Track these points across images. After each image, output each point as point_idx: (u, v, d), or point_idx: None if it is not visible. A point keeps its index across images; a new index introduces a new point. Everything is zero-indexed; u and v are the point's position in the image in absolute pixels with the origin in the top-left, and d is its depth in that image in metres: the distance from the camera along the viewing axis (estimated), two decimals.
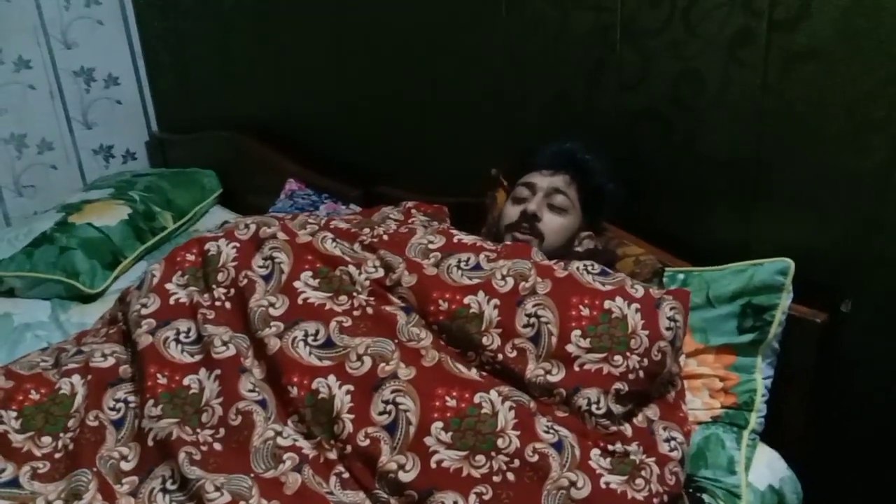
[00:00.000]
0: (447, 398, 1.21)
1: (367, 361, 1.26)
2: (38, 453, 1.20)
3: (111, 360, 1.34)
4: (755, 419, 1.42)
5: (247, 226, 1.47)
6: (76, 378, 1.30)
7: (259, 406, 1.23)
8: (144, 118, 2.97)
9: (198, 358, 1.31)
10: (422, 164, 2.13)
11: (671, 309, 1.33)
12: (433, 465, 1.16)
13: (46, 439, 1.22)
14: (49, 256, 2.09)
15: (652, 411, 1.32)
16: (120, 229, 2.23)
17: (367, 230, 1.50)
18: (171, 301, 1.38)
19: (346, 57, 2.21)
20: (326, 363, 1.26)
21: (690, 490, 1.32)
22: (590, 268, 1.38)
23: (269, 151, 2.48)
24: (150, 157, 3.00)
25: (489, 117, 1.93)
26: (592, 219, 1.60)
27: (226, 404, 1.24)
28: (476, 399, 1.21)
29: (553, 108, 1.78)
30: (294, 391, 1.23)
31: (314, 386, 1.23)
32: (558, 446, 1.19)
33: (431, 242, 1.44)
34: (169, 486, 1.15)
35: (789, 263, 1.43)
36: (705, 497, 1.32)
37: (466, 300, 1.33)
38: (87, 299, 2.08)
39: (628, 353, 1.28)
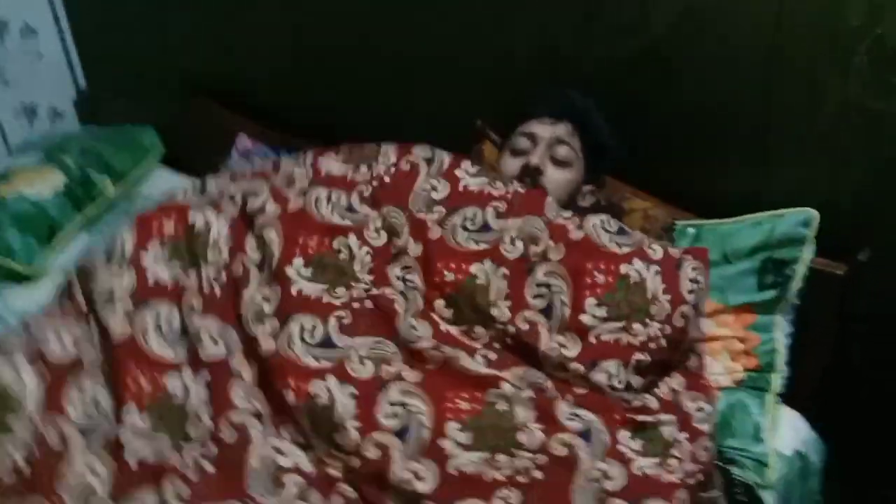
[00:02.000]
0: (459, 401, 1.08)
1: (370, 365, 1.11)
2: None
3: (70, 348, 1.13)
4: (778, 381, 1.34)
5: (232, 198, 1.28)
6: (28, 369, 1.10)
7: (255, 419, 1.07)
8: (70, 73, 2.69)
9: (182, 355, 1.13)
10: (394, 121, 1.95)
11: (693, 269, 1.23)
12: (452, 472, 1.02)
13: None
14: None
15: (676, 381, 1.22)
16: (55, 200, 2.00)
17: (364, 169, 1.34)
18: (150, 279, 1.18)
19: (301, 3, 2.00)
20: (325, 363, 1.10)
21: (719, 463, 1.23)
22: (606, 225, 1.26)
23: (215, 106, 2.28)
24: (79, 116, 2.73)
25: (466, 66, 1.77)
26: (594, 171, 1.48)
27: (216, 415, 1.07)
28: (489, 398, 1.09)
29: (541, 55, 1.64)
30: (290, 396, 1.07)
31: (312, 390, 1.07)
32: (586, 435, 1.08)
33: (435, 189, 1.30)
34: None
35: (812, 214, 1.35)
36: (734, 469, 1.24)
37: (473, 269, 1.21)
38: (24, 279, 1.87)
39: (648, 321, 1.18)
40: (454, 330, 1.18)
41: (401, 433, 1.04)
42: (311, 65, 2.07)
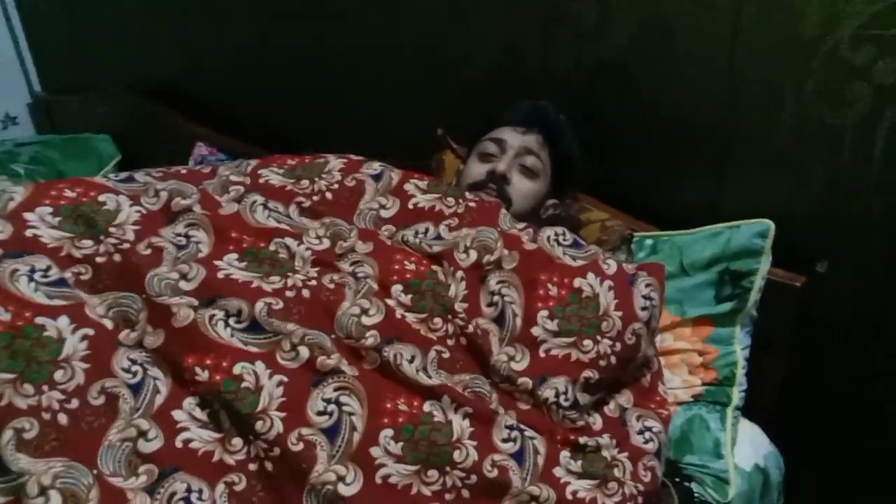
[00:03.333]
0: (396, 405, 1.03)
1: (304, 352, 1.04)
2: None
3: None
4: (737, 394, 1.33)
5: (157, 193, 1.15)
6: None
7: (130, 392, 0.97)
8: (24, 76, 2.63)
9: (58, 302, 1.00)
10: (350, 127, 1.93)
11: (647, 286, 1.20)
12: (378, 480, 0.97)
13: None
14: None
15: (625, 398, 1.19)
16: None
17: (305, 183, 1.24)
18: (28, 233, 1.03)
19: (257, 5, 1.96)
20: (253, 349, 1.03)
21: (677, 480, 1.21)
22: (561, 238, 1.22)
23: (173, 113, 2.23)
24: (34, 121, 2.67)
25: (427, 74, 1.75)
26: (560, 186, 1.46)
27: (90, 373, 0.97)
28: (426, 407, 1.04)
29: (501, 62, 1.61)
30: (204, 374, 0.99)
31: (237, 371, 1.00)
32: (519, 456, 1.04)
33: (384, 207, 1.23)
34: None
35: (769, 225, 1.33)
36: (693, 486, 1.22)
37: (433, 266, 1.17)
38: None
39: (599, 337, 1.14)
40: (411, 317, 1.12)
41: (330, 431, 0.99)
42: (271, 71, 2.03)
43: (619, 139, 1.50)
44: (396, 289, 1.13)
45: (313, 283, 1.11)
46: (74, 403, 0.94)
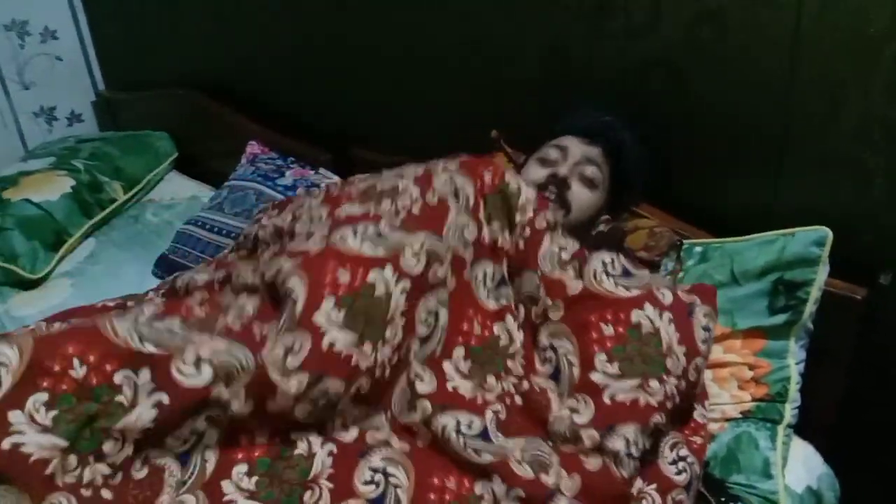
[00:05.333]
0: (447, 481, 1.00)
1: (355, 432, 1.03)
2: None
3: None
4: (790, 411, 1.26)
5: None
6: None
7: (177, 464, 0.97)
8: (89, 76, 2.69)
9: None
10: (400, 124, 1.91)
11: (705, 316, 1.15)
12: None
13: None
14: None
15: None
16: (63, 204, 1.99)
17: (386, 203, 1.19)
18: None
19: (312, 6, 1.96)
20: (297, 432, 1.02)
21: (723, 500, 1.15)
22: (609, 268, 1.16)
23: (228, 111, 2.25)
24: (97, 118, 2.73)
25: (474, 73, 1.72)
26: (616, 204, 1.42)
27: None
28: (478, 489, 0.99)
29: (548, 60, 1.57)
30: (261, 438, 1.00)
31: (292, 436, 1.00)
32: None
33: (466, 227, 1.17)
34: None
35: (826, 232, 1.26)
36: None
37: (496, 328, 1.14)
38: (29, 285, 1.86)
39: (665, 377, 1.07)
40: (464, 387, 1.08)
41: (376, 502, 0.96)
42: (323, 71, 2.03)
43: (668, 139, 1.44)
44: (458, 353, 1.10)
45: (394, 358, 1.06)
46: (118, 479, 0.93)
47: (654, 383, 1.06)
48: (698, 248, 1.38)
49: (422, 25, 1.76)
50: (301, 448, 0.99)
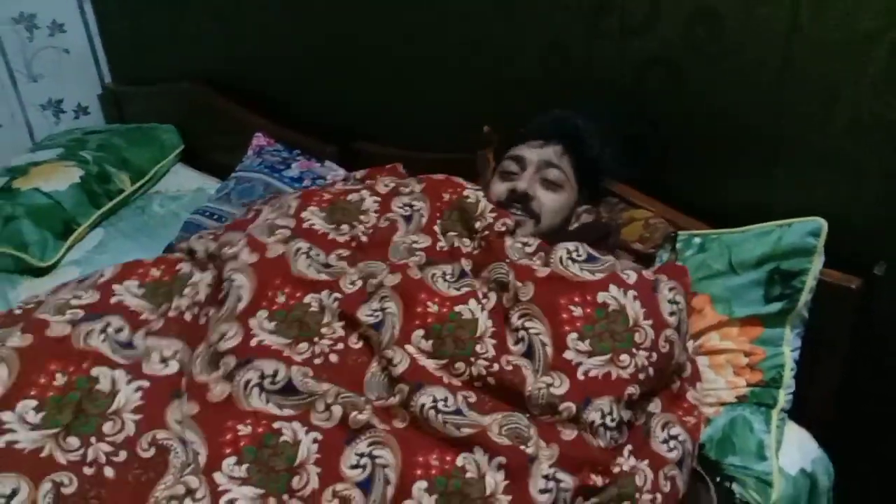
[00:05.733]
0: (428, 460, 1.02)
1: (337, 412, 1.05)
2: None
3: None
4: (784, 397, 1.28)
5: (214, 257, 1.26)
6: None
7: (180, 446, 1.00)
8: (96, 69, 2.72)
9: (121, 359, 1.08)
10: (402, 119, 1.95)
11: (671, 290, 1.19)
12: None
13: None
14: None
15: (653, 404, 1.18)
16: (71, 194, 2.02)
17: (345, 228, 1.30)
18: (113, 300, 1.16)
19: (317, 3, 1.99)
20: (287, 412, 1.05)
21: (718, 479, 1.19)
22: (574, 254, 1.21)
23: (234, 104, 2.28)
24: (104, 111, 2.76)
25: (475, 70, 1.75)
26: (590, 191, 1.44)
27: (143, 424, 1.01)
28: (459, 461, 1.02)
29: (547, 57, 1.60)
30: (246, 430, 1.02)
31: (276, 426, 1.02)
32: None
33: (416, 242, 1.29)
34: None
35: (821, 223, 1.29)
36: (735, 487, 1.19)
37: (457, 307, 1.17)
38: (39, 273, 1.89)
39: (634, 350, 1.12)
40: (431, 364, 1.12)
41: (364, 485, 0.98)
42: (326, 64, 2.06)
43: (666, 135, 1.47)
44: (417, 335, 1.14)
45: (340, 346, 1.13)
46: (121, 456, 0.96)
47: (624, 357, 1.11)
48: (697, 239, 1.41)
49: (424, 23, 1.79)
50: (286, 436, 1.01)
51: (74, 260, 1.94)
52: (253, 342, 1.10)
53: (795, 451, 1.29)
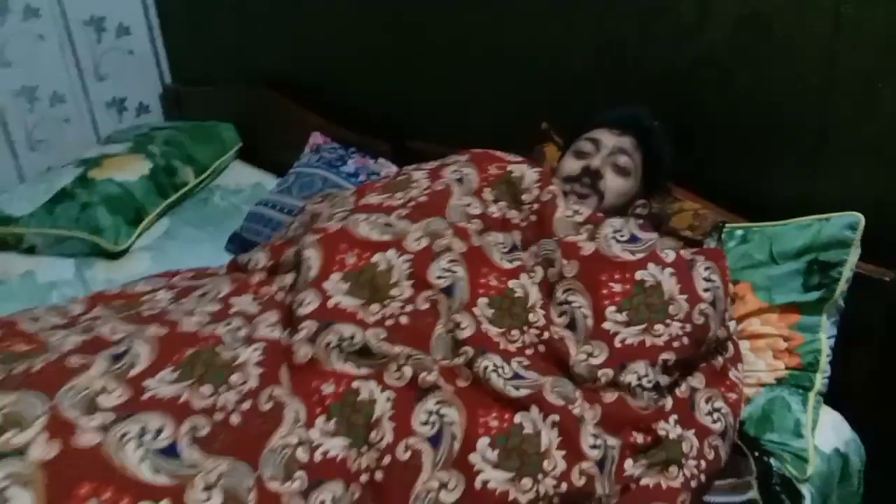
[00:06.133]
0: (489, 418, 1.11)
1: (408, 372, 1.14)
2: None
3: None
4: (820, 380, 1.37)
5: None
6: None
7: (294, 400, 1.08)
8: (157, 69, 2.87)
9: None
10: (456, 117, 2.04)
11: (706, 269, 1.29)
12: (478, 486, 1.04)
13: None
14: (71, 213, 2.02)
15: (697, 380, 1.27)
16: (142, 185, 2.15)
17: (398, 195, 1.40)
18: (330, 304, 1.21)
19: (371, 2, 2.11)
20: (364, 371, 1.13)
21: (757, 454, 1.27)
22: (618, 235, 1.31)
23: (291, 104, 2.39)
24: (164, 110, 2.91)
25: (530, 67, 1.84)
26: (649, 188, 1.54)
27: (264, 379, 1.09)
28: (517, 419, 1.11)
29: (601, 57, 1.70)
30: (330, 388, 1.11)
31: (354, 385, 1.11)
32: (602, 464, 1.11)
33: (469, 205, 1.37)
34: (149, 440, 0.94)
35: (859, 217, 1.37)
36: (773, 461, 1.27)
37: (511, 283, 1.27)
38: (111, 256, 2.02)
39: (668, 321, 1.22)
40: (493, 331, 1.21)
41: (433, 440, 1.07)
42: (382, 64, 2.16)
43: (714, 132, 1.56)
44: (482, 302, 1.23)
45: (409, 308, 1.21)
46: (246, 405, 1.04)
47: (658, 326, 1.22)
48: (739, 231, 1.49)
49: (480, 23, 1.89)
50: (364, 394, 1.10)
51: (145, 246, 2.07)
52: (330, 304, 1.19)
53: (830, 431, 1.38)
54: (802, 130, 1.46)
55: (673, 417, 1.20)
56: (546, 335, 1.22)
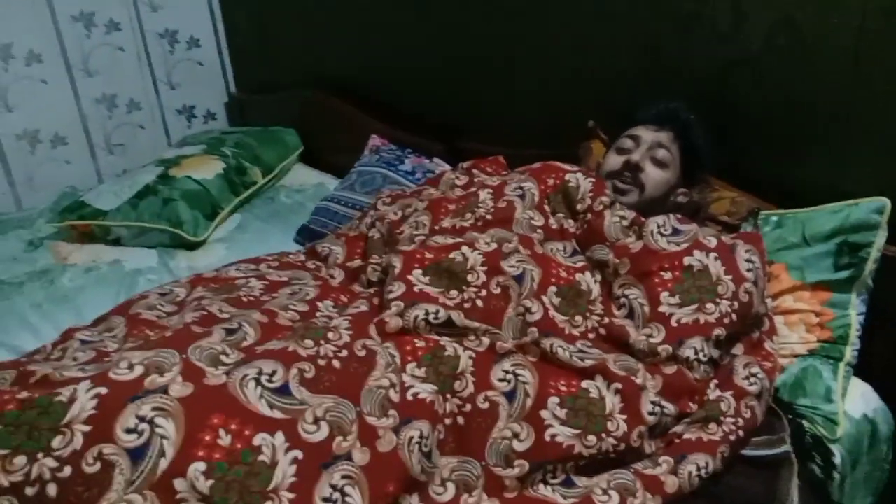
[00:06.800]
0: (559, 382, 1.25)
1: (486, 341, 1.28)
2: None
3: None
4: (850, 352, 1.48)
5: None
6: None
7: (383, 350, 1.21)
8: (223, 79, 3.07)
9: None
10: (506, 118, 2.18)
11: (746, 251, 1.42)
12: (547, 438, 1.17)
13: None
14: (154, 207, 2.20)
15: (736, 348, 1.41)
16: (217, 182, 2.33)
17: (468, 216, 1.55)
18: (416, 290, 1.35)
19: (426, 9, 2.26)
20: (446, 340, 1.27)
21: (790, 417, 1.39)
22: (662, 229, 1.45)
23: (349, 108, 2.55)
24: (228, 117, 3.11)
25: (576, 70, 1.98)
26: (689, 177, 1.66)
27: (355, 335, 1.23)
28: (584, 384, 1.25)
29: (643, 59, 1.83)
30: (419, 343, 1.25)
31: (441, 342, 1.25)
32: (654, 428, 1.25)
33: (533, 218, 1.52)
34: (265, 381, 1.08)
35: (885, 202, 1.48)
36: (805, 423, 1.39)
37: (577, 276, 1.43)
38: (190, 247, 2.20)
39: (718, 300, 1.36)
40: (559, 318, 1.36)
41: (509, 395, 1.21)
42: (436, 69, 2.32)
43: (749, 129, 1.68)
44: (552, 290, 1.38)
45: (483, 293, 1.36)
46: (344, 354, 1.18)
47: (709, 305, 1.35)
48: (774, 218, 1.61)
49: (531, 27, 2.02)
50: (449, 351, 1.25)
51: (220, 238, 2.24)
52: (415, 289, 1.34)
53: (859, 399, 1.49)
54: (830, 125, 1.59)
55: (714, 382, 1.34)
56: (606, 320, 1.38)
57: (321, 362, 1.14)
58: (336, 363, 1.15)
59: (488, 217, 1.53)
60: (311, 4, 2.61)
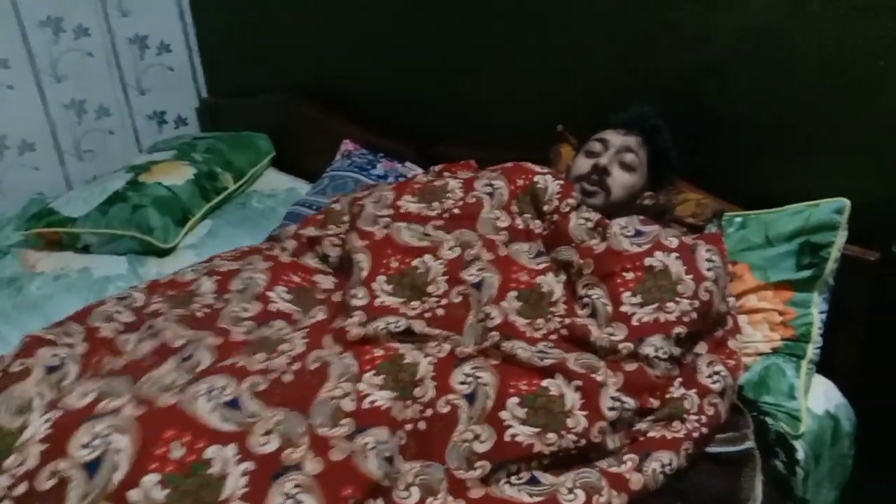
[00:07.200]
0: (519, 382, 1.27)
1: (447, 347, 1.32)
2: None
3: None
4: (812, 350, 1.51)
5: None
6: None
7: (337, 359, 1.25)
8: (194, 84, 3.05)
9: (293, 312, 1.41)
10: (477, 123, 2.20)
11: (707, 251, 1.45)
12: (507, 438, 1.19)
13: None
14: (123, 214, 2.19)
15: (700, 347, 1.43)
16: (187, 188, 2.32)
17: (435, 205, 1.58)
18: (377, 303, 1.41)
19: (400, 16, 2.27)
20: (408, 346, 1.30)
21: (754, 414, 1.42)
22: (625, 231, 1.48)
23: (321, 113, 2.55)
24: (200, 122, 3.09)
25: (548, 77, 2.00)
26: (656, 181, 1.69)
27: (309, 346, 1.27)
28: (544, 383, 1.27)
29: (614, 67, 1.86)
30: (380, 352, 1.27)
31: (401, 351, 1.28)
32: (615, 423, 1.27)
33: (498, 219, 1.55)
34: (216, 395, 1.13)
35: (845, 203, 1.52)
36: (768, 420, 1.42)
37: (538, 279, 1.45)
38: (160, 254, 2.19)
39: (678, 299, 1.38)
40: (520, 322, 1.39)
41: (469, 398, 1.23)
42: (410, 73, 2.32)
43: (716, 134, 1.71)
44: (511, 296, 1.41)
45: (444, 301, 1.41)
46: (295, 367, 1.22)
47: (670, 304, 1.38)
48: (738, 219, 1.64)
49: (502, 35, 2.04)
50: (408, 359, 1.27)
51: (190, 244, 2.24)
52: (376, 303, 1.39)
53: (822, 396, 1.52)
54: (796, 132, 1.62)
55: (678, 380, 1.36)
56: (567, 321, 1.39)
57: (272, 375, 1.18)
58: (288, 376, 1.19)
59: (455, 211, 1.57)
60: (284, 10, 2.61)
